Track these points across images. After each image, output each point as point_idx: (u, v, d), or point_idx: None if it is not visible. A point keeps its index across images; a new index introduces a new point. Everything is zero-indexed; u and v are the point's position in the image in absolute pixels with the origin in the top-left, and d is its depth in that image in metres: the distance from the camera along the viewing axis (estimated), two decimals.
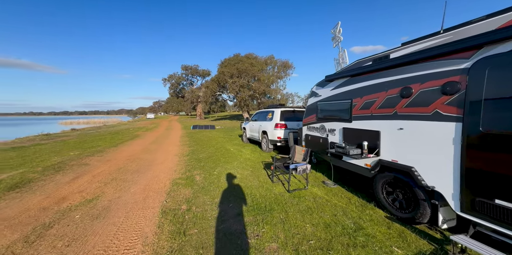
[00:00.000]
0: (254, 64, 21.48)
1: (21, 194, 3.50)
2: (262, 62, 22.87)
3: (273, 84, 23.25)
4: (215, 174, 4.57)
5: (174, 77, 36.05)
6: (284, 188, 3.65)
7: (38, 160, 5.97)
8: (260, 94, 22.15)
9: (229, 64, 22.50)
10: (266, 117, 7.31)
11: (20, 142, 10.82)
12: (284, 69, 23.67)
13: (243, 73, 21.05)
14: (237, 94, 22.95)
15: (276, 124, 6.48)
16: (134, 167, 5.32)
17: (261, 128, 7.33)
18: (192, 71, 34.96)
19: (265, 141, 7.04)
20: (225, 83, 23.83)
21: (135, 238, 2.25)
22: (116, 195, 3.45)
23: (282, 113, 6.62)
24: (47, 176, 4.46)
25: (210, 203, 3.08)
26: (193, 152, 7.26)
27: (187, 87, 38.60)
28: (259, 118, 7.99)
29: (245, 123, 9.55)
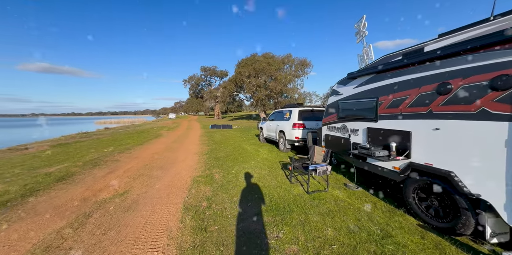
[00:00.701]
0: (271, 63, 21.39)
1: (66, 185, 3.95)
2: (279, 61, 22.66)
3: (290, 83, 22.90)
4: (233, 173, 4.64)
5: (193, 78, 37.61)
6: (303, 189, 3.56)
7: (79, 156, 6.69)
8: (277, 93, 21.98)
9: (246, 64, 22.73)
10: (283, 117, 7.22)
11: (65, 139, 12.25)
12: (302, 67, 23.17)
13: (260, 73, 21.09)
14: (253, 93, 23.08)
15: (293, 123, 6.36)
16: (158, 164, 5.66)
17: (278, 127, 7.26)
18: (211, 72, 36.10)
19: (283, 141, 6.95)
20: (242, 83, 24.14)
21: (161, 231, 2.38)
22: (143, 190, 3.70)
23: (300, 112, 6.48)
24: (86, 170, 4.97)
25: (229, 201, 3.13)
26: (211, 151, 7.47)
27: (205, 88, 39.96)
28: (276, 117, 7.92)
29: (262, 123, 9.55)
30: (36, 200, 3.25)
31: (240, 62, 24.71)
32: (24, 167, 5.38)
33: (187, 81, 38.19)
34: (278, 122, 7.45)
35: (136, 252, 2.04)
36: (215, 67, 36.34)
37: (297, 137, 6.21)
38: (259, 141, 9.71)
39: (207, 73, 36.16)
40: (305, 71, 23.63)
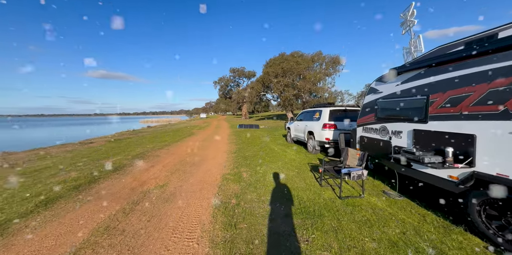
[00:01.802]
0: (300, 62, 20.78)
1: (119, 175, 4.60)
2: (309, 60, 21.83)
3: (320, 82, 21.85)
4: (260, 172, 4.67)
5: (223, 80, 39.35)
6: (334, 193, 3.35)
7: (129, 150, 7.71)
8: (305, 93, 21.24)
9: (274, 64, 22.63)
10: (312, 117, 6.93)
11: (118, 136, 14.32)
12: (333, 65, 21.82)
13: (288, 72, 20.73)
14: (281, 93, 22.82)
15: (324, 124, 6.04)
16: (191, 160, 6.10)
17: (307, 128, 7.00)
18: (239, 73, 37.18)
19: (311, 142, 6.68)
20: (269, 83, 24.13)
21: (195, 224, 2.56)
22: (179, 184, 4.03)
23: (331, 112, 6.11)
24: (134, 163, 5.69)
25: (257, 200, 3.16)
26: (239, 150, 7.68)
27: (234, 89, 41.36)
28: (305, 117, 7.65)
29: (290, 123, 9.37)
30: (99, 187, 3.87)
31: (268, 62, 24.75)
32: (89, 158, 6.48)
33: (217, 83, 40.21)
34: (307, 122, 7.19)
35: (175, 240, 2.24)
36: (243, 68, 37.27)
37: (327, 138, 5.89)
38: (286, 141, 9.55)
39: (236, 74, 37.38)
40: (337, 68, 22.18)
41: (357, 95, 24.38)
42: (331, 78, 22.67)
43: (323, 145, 6.10)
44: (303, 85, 20.66)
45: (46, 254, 1.99)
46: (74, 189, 3.71)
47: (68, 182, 4.06)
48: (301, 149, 7.48)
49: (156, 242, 2.21)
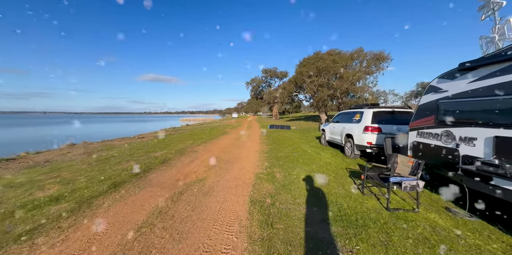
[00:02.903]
0: (337, 60, 19.46)
1: (166, 167, 5.22)
2: (347, 57, 20.24)
3: (359, 81, 20.00)
4: (294, 174, 4.59)
5: (255, 80, 40.13)
6: (379, 204, 3.03)
7: (172, 146, 8.65)
8: (342, 93, 19.78)
9: (308, 63, 21.84)
10: (352, 119, 6.42)
11: (162, 132, 16.22)
12: (377, 62, 19.65)
13: (323, 72, 19.70)
14: (314, 94, 21.86)
15: (366, 127, 5.52)
16: (226, 158, 6.42)
17: (345, 131, 6.52)
18: (271, 74, 37.28)
19: (350, 145, 6.19)
20: (302, 83, 23.42)
21: (233, 218, 2.69)
22: (216, 179, 4.31)
23: (374, 114, 5.54)
24: (177, 157, 6.35)
25: (292, 202, 3.12)
26: (271, 150, 7.70)
27: (265, 89, 41.70)
28: (343, 119, 7.15)
29: (325, 125, 8.90)
30: (151, 176, 4.47)
31: (301, 61, 24.06)
32: (142, 150, 7.54)
33: (249, 83, 41.25)
34: (345, 124, 6.70)
35: (215, 231, 2.41)
36: (276, 69, 37.21)
37: (369, 142, 5.36)
38: (320, 144, 9.11)
39: (268, 75, 37.61)
40: (381, 66, 19.89)
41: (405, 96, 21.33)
42: (373, 77, 20.49)
43: (363, 150, 5.58)
44: (340, 85, 19.28)
45: (117, 229, 2.42)
46: (133, 176, 4.38)
47: (129, 170, 4.81)
48: (337, 153, 7.02)
49: (200, 230, 2.42)
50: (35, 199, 3.06)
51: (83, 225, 2.45)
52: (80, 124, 41.40)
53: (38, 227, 2.36)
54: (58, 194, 3.25)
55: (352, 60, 20.61)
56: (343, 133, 6.69)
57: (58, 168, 4.98)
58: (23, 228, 2.32)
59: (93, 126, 36.34)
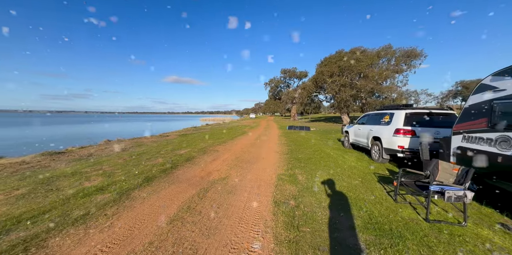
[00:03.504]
0: (361, 59, 18.39)
1: (190, 164, 5.48)
2: (373, 55, 18.99)
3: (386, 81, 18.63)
4: (317, 176, 4.47)
5: (273, 81, 39.97)
6: (416, 213, 2.78)
7: (194, 144, 9.04)
8: (367, 93, 18.63)
9: (329, 62, 21.05)
10: (380, 121, 6.02)
11: (184, 131, 17.08)
12: (407, 60, 18.09)
13: (345, 71, 18.80)
14: (336, 94, 20.98)
15: (397, 129, 5.13)
16: (246, 157, 6.51)
17: (372, 133, 6.14)
18: (290, 74, 36.78)
19: (377, 149, 5.81)
20: (323, 83, 22.65)
21: (258, 218, 2.72)
22: (238, 179, 4.39)
23: (407, 116, 5.12)
24: (200, 155, 6.63)
25: (317, 205, 3.04)
26: (291, 151, 7.59)
27: (284, 90, 41.27)
28: (369, 121, 6.74)
29: (348, 127, 8.50)
30: (177, 172, 4.73)
31: (322, 61, 23.30)
32: (168, 148, 8.02)
33: (268, 84, 41.22)
34: (372, 126, 6.31)
35: (241, 229, 2.46)
36: (295, 69, 36.59)
37: (401, 146, 4.96)
38: (343, 146, 8.71)
39: (287, 75, 37.16)
40: (412, 63, 18.23)
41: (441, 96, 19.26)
42: (403, 76, 18.88)
43: (394, 154, 5.18)
44: (364, 84, 18.17)
45: (152, 220, 2.61)
46: (162, 171, 4.69)
47: (158, 166, 5.16)
48: (362, 156, 6.64)
49: (226, 227, 2.49)
50: (84, 188, 3.47)
51: (124, 214, 2.70)
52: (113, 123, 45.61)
53: (88, 213, 2.67)
54: (101, 185, 3.64)
55: (379, 58, 19.26)
56: (369, 135, 6.31)
57: (100, 162, 5.56)
58: (77, 213, 2.65)
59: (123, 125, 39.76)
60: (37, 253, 1.91)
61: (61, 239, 2.13)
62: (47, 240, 2.09)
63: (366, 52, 19.51)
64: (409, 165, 5.00)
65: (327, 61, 21.86)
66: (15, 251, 1.92)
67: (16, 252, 1.92)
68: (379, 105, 18.79)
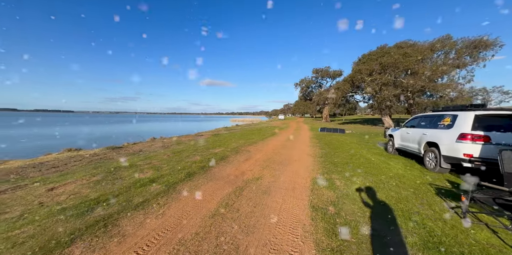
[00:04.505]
0: (409, 53, 16.14)
1: (225, 163, 5.73)
2: (426, 49, 16.43)
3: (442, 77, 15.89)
4: (357, 183, 4.10)
5: (304, 81, 38.73)
6: (498, 238, 2.26)
7: (227, 144, 9.44)
8: (415, 92, 16.26)
9: (369, 59, 19.22)
10: (437, 123, 5.17)
11: (216, 131, 18.04)
12: (473, 51, 14.99)
13: (389, 68, 16.82)
14: (376, 94, 18.99)
15: (462, 134, 4.31)
16: (278, 159, 6.44)
17: (426, 138, 5.31)
18: (322, 73, 35.03)
19: (433, 156, 4.99)
20: (360, 82, 20.80)
21: (295, 221, 2.65)
22: (272, 180, 4.37)
23: (478, 118, 4.24)
24: (233, 155, 6.87)
25: (361, 215, 2.78)
26: (326, 154, 7.19)
27: (315, 90, 39.56)
28: (422, 124, 5.87)
29: (393, 130, 7.57)
30: (214, 170, 5.01)
31: (360, 58, 21.44)
32: (203, 147, 8.58)
33: (298, 84, 40.15)
34: (426, 130, 5.46)
35: (279, 231, 2.43)
36: (328, 68, 34.68)
37: (468, 154, 4.14)
38: (386, 151, 7.81)
39: (319, 75, 35.50)
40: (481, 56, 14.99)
41: None
42: (467, 71, 15.73)
43: (458, 163, 4.36)
44: (412, 82, 15.88)
45: (196, 212, 2.82)
46: (200, 168, 5.03)
47: (196, 163, 5.57)
48: (412, 164, 5.80)
49: (264, 227, 2.50)
50: (140, 179, 4.00)
51: (173, 205, 3.00)
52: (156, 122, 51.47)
53: (145, 200, 3.06)
54: (153, 177, 4.13)
55: (433, 51, 16.51)
56: (422, 140, 5.48)
57: (149, 157, 6.33)
58: (137, 200, 3.07)
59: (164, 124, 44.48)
60: (113, 229, 2.30)
61: (128, 220, 2.50)
62: (118, 220, 2.48)
63: (416, 46, 16.93)
64: (479, 177, 4.13)
65: (366, 58, 19.96)
66: (98, 226, 2.35)
67: (99, 226, 2.34)
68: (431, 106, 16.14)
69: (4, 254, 1.84)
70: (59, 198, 3.07)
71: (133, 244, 2.10)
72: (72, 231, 2.23)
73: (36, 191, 3.38)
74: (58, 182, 3.83)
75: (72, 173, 4.55)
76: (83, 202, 2.92)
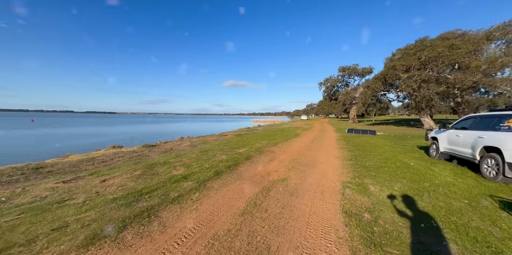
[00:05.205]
0: (458, 45, 14.05)
1: (250, 163, 5.80)
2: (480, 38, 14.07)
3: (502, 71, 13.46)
4: (395, 189, 3.74)
5: (329, 80, 36.98)
6: None
7: (250, 144, 9.53)
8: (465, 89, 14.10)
9: (405, 54, 17.39)
10: (499, 125, 4.42)
11: (239, 131, 18.41)
12: None
13: (430, 63, 14.95)
14: (413, 92, 17.08)
15: None
16: (303, 160, 6.26)
17: (483, 141, 4.58)
18: (350, 72, 32.96)
19: (493, 163, 4.27)
20: (394, 80, 18.95)
21: (327, 226, 2.53)
22: (298, 181, 4.26)
23: None
24: (257, 155, 6.91)
25: (403, 225, 2.52)
26: (355, 157, 6.74)
27: (341, 89, 37.45)
28: (476, 125, 5.09)
29: (437, 132, 6.72)
30: (240, 169, 5.11)
31: (394, 53, 19.55)
32: (228, 146, 8.83)
33: (322, 84, 38.50)
34: (483, 132, 4.71)
35: (310, 235, 2.35)
36: (356, 65, 32.47)
37: None
38: (428, 156, 6.96)
39: (346, 73, 33.45)
40: None
41: None
42: None
43: None
44: (461, 78, 13.78)
45: (227, 209, 2.91)
46: (227, 167, 5.19)
47: (223, 162, 5.76)
48: (464, 171, 5.04)
49: (294, 229, 2.45)
50: (174, 175, 4.32)
51: (205, 201, 3.15)
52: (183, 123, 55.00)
53: (180, 195, 3.29)
54: (185, 174, 4.42)
55: (490, 41, 14.04)
56: (477, 144, 4.73)
57: (180, 155, 6.78)
58: (173, 194, 3.32)
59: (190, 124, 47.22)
60: (155, 220, 2.53)
61: (167, 213, 2.72)
62: (159, 212, 2.72)
63: (466, 36, 14.58)
64: None
65: (401, 53, 18.06)
66: (143, 216, 2.62)
67: (144, 216, 2.60)
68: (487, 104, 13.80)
69: (76, 233, 2.18)
70: (110, 189, 3.50)
71: (173, 234, 2.27)
72: (123, 218, 2.52)
73: (92, 182, 3.91)
74: (108, 174, 4.37)
75: (118, 167, 5.14)
76: (129, 194, 3.27)
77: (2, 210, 2.77)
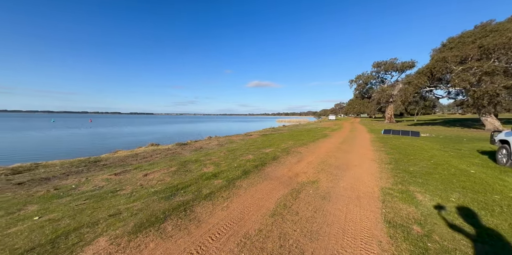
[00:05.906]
0: None
1: (277, 163, 5.71)
2: None
3: None
4: (452, 200, 3.19)
5: (362, 77, 34.08)
6: None
7: (276, 144, 9.41)
8: None
9: (460, 43, 14.84)
10: None
11: (264, 131, 18.40)
12: None
13: (495, 52, 12.42)
14: (470, 87, 14.45)
15: None
16: (333, 162, 5.87)
17: None
18: (386, 67, 29.75)
19: None
20: (445, 74, 16.35)
21: (367, 236, 2.29)
22: (330, 185, 4.00)
23: None
24: (284, 156, 6.76)
25: (467, 244, 2.12)
26: (395, 161, 6.02)
27: (376, 86, 34.13)
28: None
29: (509, 134, 5.55)
30: (267, 169, 5.07)
31: (445, 43, 16.86)
32: (254, 146, 8.88)
33: (354, 81, 35.66)
34: None
35: (349, 244, 2.16)
36: (394, 59, 29.11)
37: None
38: (496, 163, 5.78)
39: (381, 69, 30.28)
40: None
41: None
42: None
43: None
44: None
45: (256, 209, 2.90)
46: (254, 167, 5.20)
47: (250, 161, 5.80)
48: None
49: (329, 236, 2.28)
50: (205, 173, 4.54)
51: (235, 199, 3.21)
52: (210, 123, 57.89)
53: (211, 192, 3.43)
54: (215, 172, 4.60)
55: None
56: None
57: (209, 154, 7.11)
58: (205, 191, 3.48)
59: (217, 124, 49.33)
60: (190, 214, 2.69)
61: (200, 208, 2.86)
62: (193, 207, 2.89)
63: None
64: None
65: (455, 42, 15.42)
66: (180, 209, 2.81)
67: (180, 210, 2.79)
68: None
69: (127, 220, 2.47)
70: (152, 183, 3.87)
71: (207, 230, 2.36)
72: (163, 210, 2.74)
73: (136, 175, 4.39)
74: (149, 169, 4.85)
75: (156, 163, 5.66)
76: (167, 188, 3.56)
77: (73, 195, 3.32)
